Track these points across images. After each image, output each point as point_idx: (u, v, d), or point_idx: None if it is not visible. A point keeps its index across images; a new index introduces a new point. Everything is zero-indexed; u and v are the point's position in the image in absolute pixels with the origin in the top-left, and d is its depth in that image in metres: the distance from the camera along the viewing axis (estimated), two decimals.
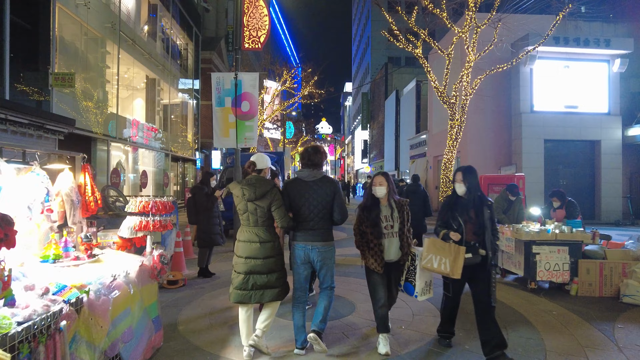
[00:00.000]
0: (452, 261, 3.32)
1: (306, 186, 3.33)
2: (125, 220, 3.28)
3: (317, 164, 3.40)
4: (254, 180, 3.30)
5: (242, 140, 8.01)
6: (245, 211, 3.31)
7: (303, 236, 3.33)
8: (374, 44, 46.55)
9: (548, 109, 15.90)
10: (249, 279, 3.21)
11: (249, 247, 3.25)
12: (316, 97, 19.52)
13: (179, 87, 22.23)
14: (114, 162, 15.03)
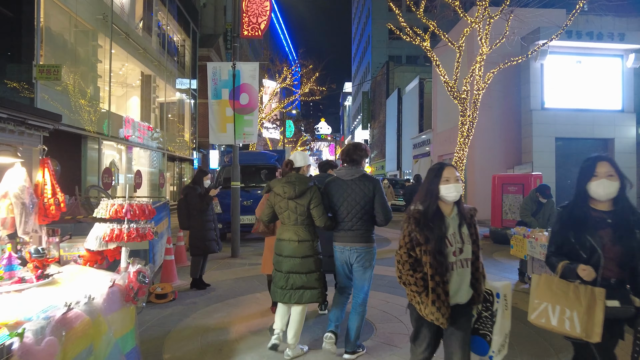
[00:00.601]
0: (583, 314, 2.06)
1: (344, 185, 3.18)
2: (93, 228, 2.61)
3: (356, 161, 3.24)
4: (294, 178, 3.26)
5: (241, 136, 7.35)
6: (285, 209, 3.24)
7: (342, 237, 3.19)
8: (374, 43, 45.91)
9: (559, 106, 15.26)
10: (288, 278, 3.18)
11: (288, 245, 3.21)
12: (317, 94, 18.86)
13: (175, 84, 21.55)
14: (106, 161, 14.35)
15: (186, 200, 5.25)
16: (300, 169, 3.43)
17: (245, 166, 9.43)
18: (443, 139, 20.42)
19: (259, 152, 11.56)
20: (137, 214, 2.63)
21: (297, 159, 3.44)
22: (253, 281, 5.73)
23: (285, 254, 3.20)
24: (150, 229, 2.67)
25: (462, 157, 11.17)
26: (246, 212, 8.66)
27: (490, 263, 7.28)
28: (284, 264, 3.20)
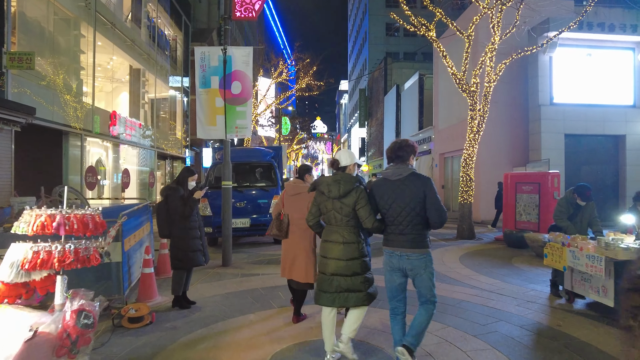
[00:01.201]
0: None
1: (392, 185, 2.95)
2: (8, 252, 1.80)
3: (402, 158, 2.99)
4: (340, 177, 3.12)
5: (233, 130, 6.54)
6: (330, 209, 3.13)
7: (392, 242, 2.99)
8: (371, 39, 45.18)
9: (569, 101, 14.56)
10: (332, 281, 3.07)
11: (333, 247, 3.10)
12: (315, 88, 18.04)
13: (167, 79, 20.65)
14: (91, 159, 13.47)
15: (166, 203, 4.44)
16: (346, 167, 3.22)
17: (239, 164, 8.62)
18: (445, 136, 19.71)
19: (254, 148, 10.73)
20: (77, 228, 1.82)
21: (342, 157, 3.24)
22: (246, 297, 4.93)
23: (330, 256, 3.09)
24: (96, 250, 1.85)
25: (472, 155, 10.43)
26: (239, 214, 7.86)
27: (511, 271, 6.53)
28: (329, 266, 3.08)
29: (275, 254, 7.74)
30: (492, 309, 4.55)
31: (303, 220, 3.89)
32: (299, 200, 3.96)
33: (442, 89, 20.23)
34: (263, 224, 7.91)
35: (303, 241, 3.94)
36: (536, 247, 7.81)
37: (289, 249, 3.99)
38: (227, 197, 6.63)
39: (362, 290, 3.05)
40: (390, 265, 3.01)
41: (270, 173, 8.52)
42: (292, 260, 3.95)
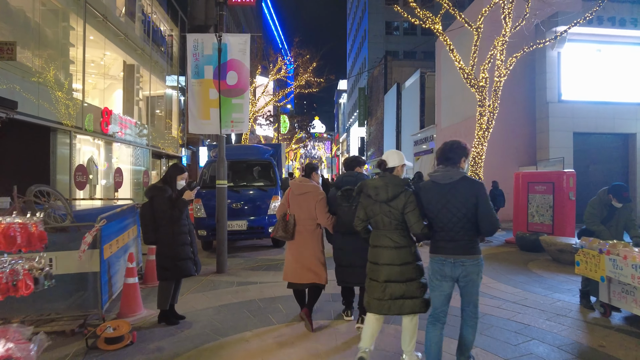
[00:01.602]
0: None
1: (442, 190, 2.81)
2: None
3: (452, 161, 2.85)
4: (388, 180, 3.00)
5: (228, 124, 6.00)
6: (378, 213, 3.00)
7: (443, 248, 2.83)
8: (371, 37, 44.67)
9: (577, 99, 14.08)
10: (386, 288, 2.93)
11: (383, 252, 2.97)
12: (314, 85, 17.49)
13: (162, 76, 20.08)
14: (81, 157, 12.90)
15: (152, 205, 3.89)
16: (394, 169, 3.09)
17: (235, 162, 8.09)
18: (448, 134, 19.20)
19: (251, 145, 10.17)
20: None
21: (390, 158, 3.10)
22: (242, 311, 4.39)
23: (382, 262, 2.95)
24: (28, 273, 1.32)
25: (481, 153, 9.92)
26: (236, 216, 7.32)
27: (530, 278, 6.01)
28: (381, 272, 2.94)
29: (274, 258, 7.20)
30: (521, 324, 4.03)
31: (311, 220, 3.77)
32: (306, 199, 3.77)
33: (445, 86, 19.74)
34: (261, 227, 7.38)
35: (311, 242, 3.78)
36: (553, 252, 7.30)
37: (295, 251, 3.79)
38: (221, 197, 6.09)
39: (419, 297, 2.91)
40: (441, 274, 2.83)
41: (269, 172, 7.99)
42: (299, 263, 3.76)
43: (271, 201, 7.47)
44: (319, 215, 3.75)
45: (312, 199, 3.75)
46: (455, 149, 2.86)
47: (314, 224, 3.81)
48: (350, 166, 3.93)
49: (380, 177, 3.04)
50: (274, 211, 7.46)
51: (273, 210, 7.45)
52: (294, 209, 3.81)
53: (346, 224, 3.57)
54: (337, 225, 3.73)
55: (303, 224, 3.77)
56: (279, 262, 6.88)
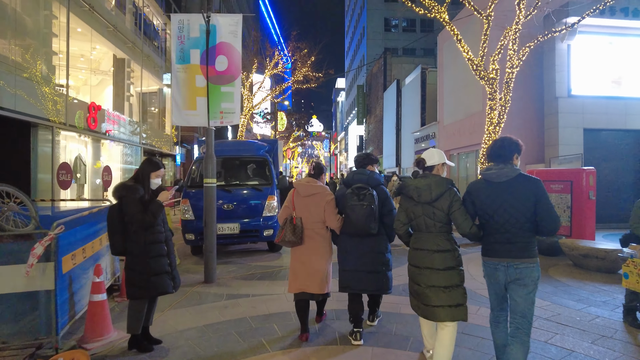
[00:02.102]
0: None
1: (497, 188, 2.63)
2: None
3: (505, 158, 2.68)
4: (430, 180, 2.83)
5: (217, 115, 5.32)
6: (420, 215, 2.84)
7: (498, 251, 2.64)
8: (369, 34, 44.04)
9: (588, 94, 13.45)
10: (429, 293, 2.77)
11: (426, 256, 2.81)
12: (313, 80, 16.81)
13: (155, 72, 19.34)
14: (67, 155, 12.22)
15: (119, 208, 3.22)
16: (433, 167, 2.97)
17: (227, 159, 7.41)
18: (451, 132, 18.61)
19: (245, 141, 9.46)
20: None
21: (429, 156, 2.97)
22: (230, 333, 3.72)
23: (424, 265, 2.85)
24: None
25: None
26: (227, 218, 6.64)
27: (556, 287, 5.37)
28: (424, 276, 2.84)
29: (269, 265, 6.53)
30: (562, 349, 3.39)
31: (320, 223, 3.54)
32: (315, 201, 3.54)
33: (448, 82, 19.10)
34: (255, 230, 6.70)
35: (322, 247, 3.56)
36: (575, 257, 6.67)
37: (303, 257, 3.56)
38: (210, 197, 5.41)
39: (462, 304, 2.77)
40: (494, 279, 2.69)
41: (265, 170, 7.30)
42: (308, 270, 3.52)
43: (266, 201, 6.79)
44: (328, 218, 3.52)
45: (321, 200, 3.53)
46: (507, 146, 2.71)
47: (324, 227, 3.59)
48: (362, 164, 3.72)
49: (421, 177, 2.87)
50: (269, 212, 6.80)
51: (269, 211, 6.78)
52: (300, 212, 3.57)
53: (354, 224, 3.34)
54: (345, 226, 3.48)
55: (312, 227, 3.55)
56: (275, 269, 6.21)
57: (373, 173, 3.59)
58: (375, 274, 3.42)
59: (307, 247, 3.54)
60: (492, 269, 2.66)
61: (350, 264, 3.45)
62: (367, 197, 3.31)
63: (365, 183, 3.44)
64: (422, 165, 2.94)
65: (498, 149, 2.72)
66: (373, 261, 3.41)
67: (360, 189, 3.38)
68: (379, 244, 3.45)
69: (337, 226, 3.51)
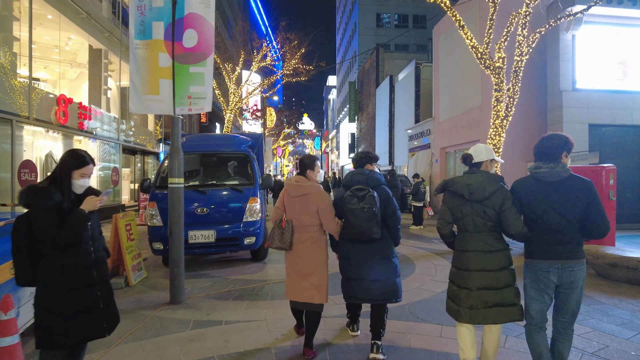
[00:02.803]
0: None
1: (549, 188, 2.53)
2: None
3: (554, 157, 2.56)
4: (481, 177, 2.70)
5: (184, 101, 4.39)
6: (469, 214, 2.71)
7: (549, 253, 2.53)
8: (361, 30, 43.24)
9: (593, 87, 12.75)
10: (480, 295, 2.63)
11: (476, 257, 2.68)
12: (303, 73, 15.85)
13: None
14: (33, 153, 11.15)
15: (27, 220, 2.29)
16: (481, 164, 2.81)
17: (203, 155, 6.47)
18: (447, 128, 17.85)
19: (224, 135, 8.48)
20: None
21: (477, 151, 2.81)
22: None
23: (474, 268, 2.66)
24: None
25: (499, 145, 8.48)
26: (202, 224, 5.71)
27: (587, 304, 4.55)
28: (474, 279, 2.65)
29: (250, 279, 5.62)
30: None
31: (313, 226, 3.26)
32: (306, 202, 3.24)
33: (444, 76, 18.33)
34: (234, 238, 5.78)
35: (316, 252, 3.26)
36: (601, 266, 5.87)
37: (294, 263, 3.29)
38: (175, 201, 4.48)
39: (517, 304, 2.66)
40: (544, 282, 2.56)
41: (246, 167, 6.37)
42: (301, 277, 3.23)
43: (248, 204, 5.86)
44: (325, 221, 3.25)
45: (314, 201, 3.23)
46: (556, 144, 2.58)
47: (317, 230, 3.29)
48: (360, 163, 3.47)
49: (472, 174, 2.74)
50: (252, 217, 5.88)
51: (251, 215, 5.86)
52: (291, 214, 3.28)
53: (355, 229, 3.08)
54: (345, 231, 3.22)
55: (304, 230, 3.25)
56: (257, 285, 5.30)
57: (373, 172, 3.32)
58: (382, 282, 3.14)
59: (297, 253, 3.25)
60: (544, 272, 2.54)
61: (355, 273, 3.19)
62: (367, 199, 3.04)
63: (365, 184, 3.19)
64: (469, 162, 2.80)
65: (546, 148, 2.59)
66: (379, 268, 3.14)
67: (359, 191, 3.11)
68: (385, 249, 3.19)
69: (336, 230, 3.26)
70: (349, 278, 3.22)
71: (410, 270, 6.11)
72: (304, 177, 3.35)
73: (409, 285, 5.30)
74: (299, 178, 3.34)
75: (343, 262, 3.28)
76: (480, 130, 14.83)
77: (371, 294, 3.11)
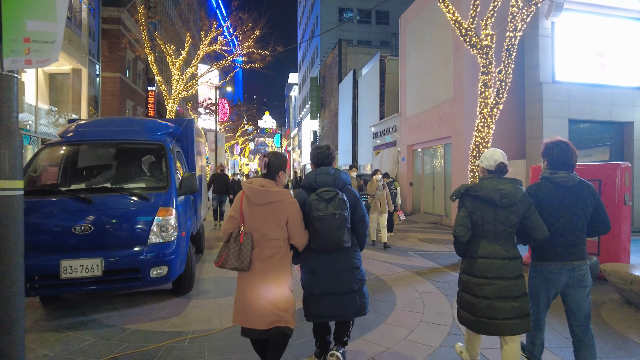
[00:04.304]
0: None
1: (566, 192, 2.66)
2: None
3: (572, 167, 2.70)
4: (512, 182, 2.64)
5: (19, 48, 2.52)
6: (490, 220, 2.62)
7: (561, 255, 2.65)
8: (323, 24, 41.77)
9: (573, 80, 11.83)
10: (499, 305, 2.55)
11: (494, 264, 2.60)
12: (258, 60, 13.95)
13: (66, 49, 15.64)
14: None
15: None
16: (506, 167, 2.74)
17: (94, 146, 4.55)
18: (415, 124, 16.62)
19: (131, 119, 6.34)
20: None
21: (502, 155, 2.74)
22: None
23: (493, 275, 2.58)
24: None
25: (487, 138, 7.09)
26: (85, 250, 3.79)
27: (619, 343, 3.15)
28: (494, 287, 2.57)
29: (158, 331, 3.77)
30: None
31: (280, 242, 2.67)
32: (273, 211, 2.63)
33: (412, 69, 17.08)
34: (133, 269, 3.91)
35: (282, 271, 2.66)
36: (628, 292, 4.54)
37: (254, 286, 2.61)
38: (8, 217, 2.59)
39: (529, 314, 2.61)
40: (553, 283, 2.66)
41: (160, 164, 4.50)
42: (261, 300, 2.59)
43: (156, 218, 4.01)
44: (296, 234, 2.69)
45: (283, 210, 2.63)
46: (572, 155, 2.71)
47: (284, 245, 2.69)
48: (325, 161, 2.94)
49: (501, 178, 2.66)
50: (162, 237, 4.02)
51: (160, 234, 4.00)
52: (252, 225, 2.63)
53: (323, 238, 2.67)
54: (312, 241, 2.74)
55: (267, 245, 2.63)
56: (166, 342, 3.49)
57: (339, 172, 2.89)
58: (352, 295, 2.81)
59: (260, 274, 2.61)
60: (553, 274, 2.65)
61: (321, 287, 2.78)
62: (337, 203, 2.68)
63: (332, 185, 2.78)
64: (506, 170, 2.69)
65: (568, 158, 2.69)
66: (349, 280, 2.80)
67: (327, 194, 2.70)
68: (353, 257, 2.85)
69: (304, 243, 2.76)
70: (314, 294, 2.81)
71: (390, 305, 4.51)
72: (272, 180, 2.72)
73: (392, 333, 3.69)
74: (265, 182, 2.70)
75: (307, 277, 2.86)
76: (451, 125, 13.64)
77: (342, 310, 2.78)
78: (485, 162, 2.72)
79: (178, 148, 5.13)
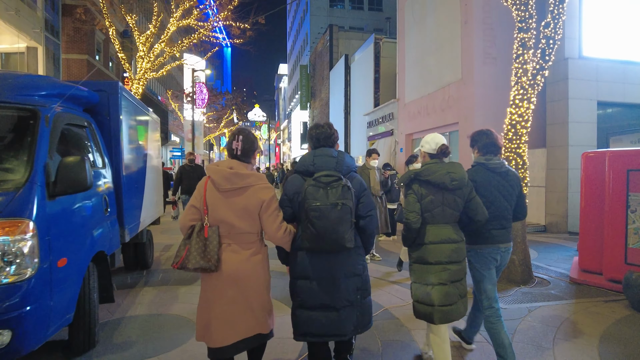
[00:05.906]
0: None
1: (499, 177, 2.79)
2: None
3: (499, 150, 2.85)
4: (455, 164, 2.60)
5: None
6: (439, 205, 2.56)
7: (496, 237, 2.76)
8: (313, 10, 39.79)
9: (602, 56, 10.19)
10: (450, 290, 2.52)
11: (447, 249, 2.54)
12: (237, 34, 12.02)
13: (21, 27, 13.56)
14: None
15: None
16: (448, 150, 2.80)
17: None
18: (415, 111, 14.92)
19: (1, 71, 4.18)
20: None
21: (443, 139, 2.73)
22: None
23: (446, 260, 2.52)
24: None
25: (526, 115, 5.36)
26: None
27: None
28: (446, 273, 2.51)
29: None
30: None
31: (253, 236, 2.30)
32: (244, 199, 2.23)
33: (412, 50, 15.32)
34: None
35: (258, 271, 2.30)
36: None
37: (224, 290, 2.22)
38: None
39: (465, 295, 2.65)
40: (494, 264, 2.78)
41: (23, 142, 2.54)
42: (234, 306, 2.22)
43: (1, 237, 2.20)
44: (268, 227, 2.27)
45: (256, 197, 2.23)
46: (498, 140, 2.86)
47: (257, 240, 2.32)
48: (326, 142, 2.43)
49: (444, 163, 2.62)
50: (11, 275, 2.18)
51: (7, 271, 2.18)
52: (218, 216, 2.23)
53: (321, 235, 2.14)
54: (304, 238, 2.22)
55: (237, 240, 2.25)
56: None
57: (343, 154, 2.38)
58: (352, 308, 2.29)
59: (230, 275, 2.20)
60: (493, 255, 2.73)
61: (316, 299, 2.27)
62: (340, 191, 2.17)
63: (334, 169, 2.25)
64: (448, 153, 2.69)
65: (496, 140, 2.84)
66: (349, 289, 2.28)
67: (327, 178, 2.19)
68: (356, 261, 2.31)
69: (283, 240, 2.30)
70: (307, 307, 2.29)
71: None
72: (242, 161, 2.28)
73: None
74: (235, 163, 2.26)
75: (298, 284, 2.32)
76: (458, 110, 11.92)
77: (341, 328, 2.25)
78: (427, 145, 2.69)
79: (87, 123, 3.30)
